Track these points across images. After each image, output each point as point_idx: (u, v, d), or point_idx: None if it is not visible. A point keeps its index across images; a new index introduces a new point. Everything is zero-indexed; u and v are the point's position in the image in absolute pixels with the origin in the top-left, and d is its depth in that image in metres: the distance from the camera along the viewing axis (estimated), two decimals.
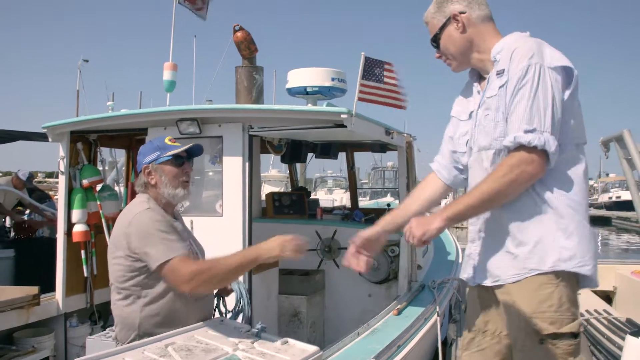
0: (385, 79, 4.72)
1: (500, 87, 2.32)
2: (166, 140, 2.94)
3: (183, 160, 2.93)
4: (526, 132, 2.12)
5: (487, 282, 2.41)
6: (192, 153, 3.00)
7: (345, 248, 5.96)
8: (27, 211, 10.37)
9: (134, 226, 2.71)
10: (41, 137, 7.89)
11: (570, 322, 2.20)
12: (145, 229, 2.68)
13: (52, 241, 5.64)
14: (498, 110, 2.31)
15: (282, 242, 2.66)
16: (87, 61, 26.77)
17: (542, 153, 2.11)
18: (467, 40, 2.44)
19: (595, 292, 6.51)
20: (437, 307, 4.94)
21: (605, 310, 5.40)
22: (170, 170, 2.87)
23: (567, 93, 2.20)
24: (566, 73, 2.20)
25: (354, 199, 8.36)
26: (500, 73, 2.31)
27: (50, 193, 21.31)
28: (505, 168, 2.14)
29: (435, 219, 2.18)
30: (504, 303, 2.37)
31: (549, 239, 2.22)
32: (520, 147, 2.13)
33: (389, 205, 7.14)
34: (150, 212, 2.75)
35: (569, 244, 2.20)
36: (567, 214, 2.21)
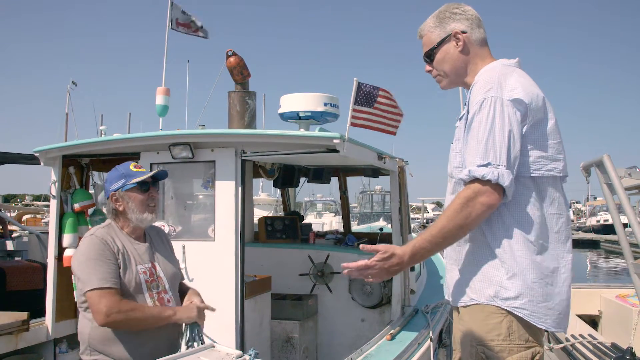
0: (377, 104, 4.76)
1: (460, 118, 2.38)
2: (131, 167, 3.03)
3: (149, 185, 3.02)
4: (479, 166, 2.12)
5: (451, 301, 2.45)
6: (158, 177, 3.10)
7: (338, 273, 6.03)
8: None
9: (77, 249, 2.92)
10: (27, 159, 7.86)
11: (521, 350, 2.20)
12: (80, 254, 2.85)
13: None
14: (459, 140, 2.36)
15: (200, 310, 3.01)
16: (75, 84, 26.79)
17: (497, 186, 2.10)
18: (463, 60, 2.46)
19: (580, 316, 6.53)
20: (431, 332, 4.92)
21: (590, 335, 5.39)
22: (136, 197, 2.98)
23: (526, 126, 2.19)
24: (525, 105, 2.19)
25: (346, 223, 8.36)
26: (466, 103, 2.35)
27: (38, 216, 21.21)
28: (460, 201, 2.14)
29: (405, 257, 2.18)
30: (457, 325, 2.40)
31: (491, 273, 2.23)
32: (475, 180, 2.13)
33: (381, 229, 7.14)
34: (92, 238, 2.87)
35: (508, 284, 2.19)
36: (512, 252, 2.20)
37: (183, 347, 3.13)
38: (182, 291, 3.26)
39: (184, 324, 3.10)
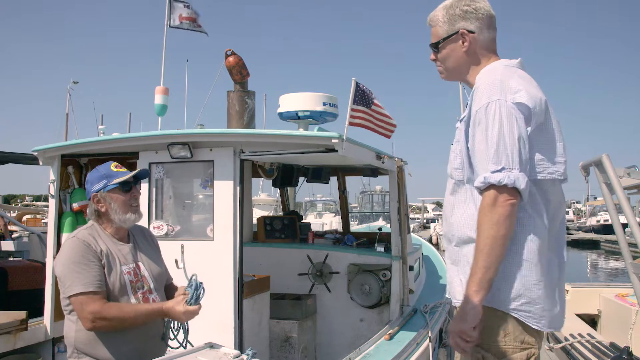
0: (374, 106, 4.79)
1: (461, 120, 2.36)
2: (112, 167, 2.98)
3: (130, 185, 2.98)
4: (494, 172, 2.10)
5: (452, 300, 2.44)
6: (139, 176, 3.05)
7: (337, 272, 6.03)
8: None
9: (59, 253, 2.85)
10: (30, 160, 7.86)
11: (516, 352, 2.19)
12: (62, 258, 2.78)
13: None
14: (458, 142, 2.34)
15: (187, 312, 2.84)
16: (76, 83, 26.91)
17: (513, 190, 2.09)
18: (466, 60, 2.44)
19: (579, 315, 6.53)
20: (429, 332, 4.92)
21: (589, 334, 5.39)
22: (118, 198, 2.93)
23: (529, 129, 2.17)
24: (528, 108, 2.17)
25: (345, 223, 8.36)
26: (467, 105, 2.33)
27: (38, 217, 21.20)
28: (484, 212, 2.12)
29: (468, 306, 2.14)
30: None
31: None
32: (491, 186, 2.11)
33: (380, 229, 7.13)
34: (74, 240, 2.81)
35: (505, 286, 2.18)
36: (510, 254, 2.17)
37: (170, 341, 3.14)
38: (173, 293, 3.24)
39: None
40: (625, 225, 4.39)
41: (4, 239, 10.52)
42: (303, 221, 8.88)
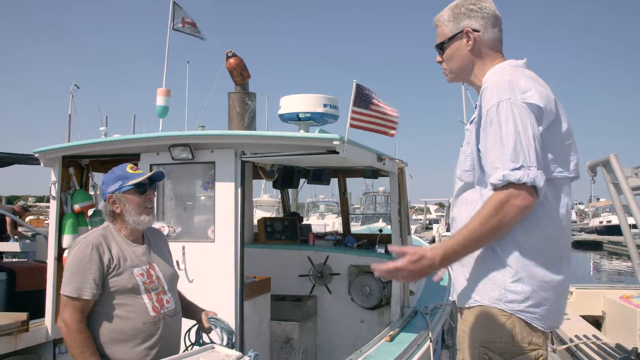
0: (373, 106, 4.76)
1: (471, 121, 2.34)
2: (127, 169, 3.02)
3: (146, 187, 3.01)
4: (513, 170, 2.06)
5: (456, 301, 2.43)
6: (155, 178, 3.08)
7: (338, 274, 6.03)
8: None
9: (70, 249, 2.93)
10: (35, 160, 7.91)
11: (524, 353, 2.19)
12: (69, 256, 2.85)
13: None
14: (469, 144, 2.32)
15: None
16: (78, 87, 26.99)
17: (531, 188, 2.07)
18: (471, 60, 2.43)
19: (584, 317, 6.52)
20: (430, 333, 4.91)
21: (594, 336, 5.38)
22: (133, 199, 2.97)
23: (540, 128, 2.15)
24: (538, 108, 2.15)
25: (346, 224, 8.36)
26: (475, 106, 2.31)
27: (41, 217, 21.23)
28: (494, 205, 2.09)
29: (427, 262, 2.11)
30: (461, 326, 2.37)
31: (495, 276, 2.20)
32: (509, 184, 2.07)
33: (381, 230, 7.13)
34: (83, 243, 2.85)
35: (513, 287, 2.18)
36: (519, 255, 2.17)
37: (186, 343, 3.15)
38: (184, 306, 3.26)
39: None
40: (632, 226, 4.39)
41: (8, 240, 10.57)
42: (305, 222, 8.89)
